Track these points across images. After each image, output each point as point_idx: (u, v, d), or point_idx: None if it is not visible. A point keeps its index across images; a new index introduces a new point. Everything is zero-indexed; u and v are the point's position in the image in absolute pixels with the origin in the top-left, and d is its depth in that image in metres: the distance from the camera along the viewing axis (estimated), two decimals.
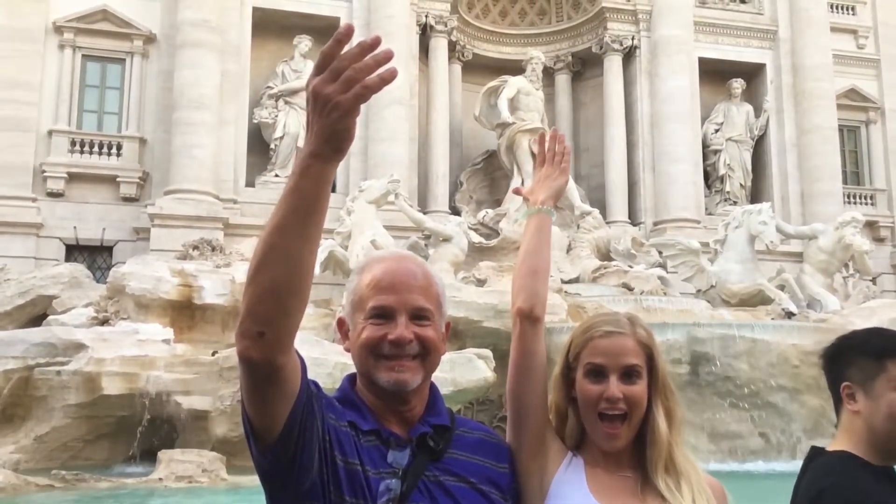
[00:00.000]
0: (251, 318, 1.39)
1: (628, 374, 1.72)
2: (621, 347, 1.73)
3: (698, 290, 16.35)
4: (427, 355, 1.61)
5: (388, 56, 1.30)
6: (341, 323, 1.70)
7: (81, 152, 17.88)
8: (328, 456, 1.50)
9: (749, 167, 21.36)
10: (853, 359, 1.95)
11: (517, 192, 2.14)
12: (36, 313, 13.78)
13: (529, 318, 1.81)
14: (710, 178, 21.39)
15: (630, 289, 15.95)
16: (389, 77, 1.30)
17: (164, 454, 10.05)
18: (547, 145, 2.06)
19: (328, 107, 1.31)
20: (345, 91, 1.30)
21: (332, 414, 1.56)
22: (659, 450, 1.72)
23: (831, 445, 1.98)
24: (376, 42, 1.31)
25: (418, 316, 1.61)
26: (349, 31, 1.33)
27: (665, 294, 15.82)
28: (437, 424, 1.64)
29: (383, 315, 1.60)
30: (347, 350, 1.66)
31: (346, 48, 1.32)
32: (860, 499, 1.78)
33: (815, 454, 1.99)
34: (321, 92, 1.31)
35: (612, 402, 1.70)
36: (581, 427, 1.78)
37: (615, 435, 1.71)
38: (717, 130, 21.32)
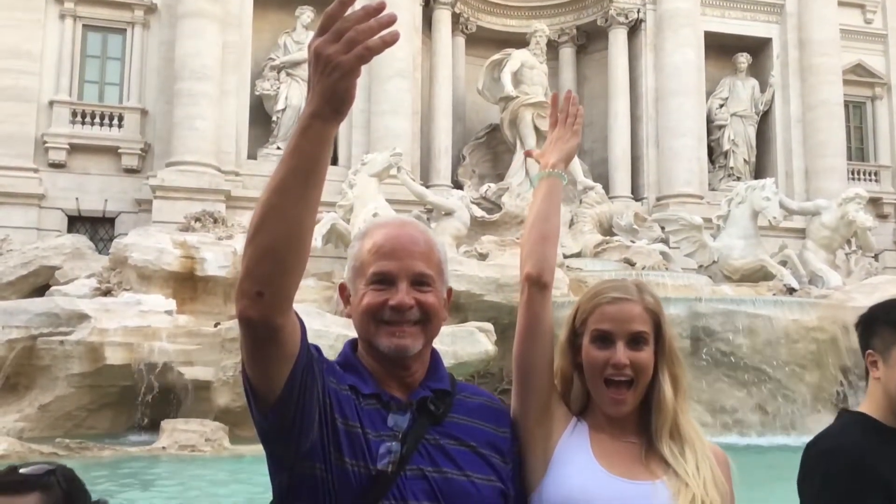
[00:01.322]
0: (250, 278, 1.39)
1: (635, 341, 1.72)
2: (628, 314, 1.72)
3: (700, 266, 16.36)
4: (428, 321, 1.61)
5: (391, 19, 1.30)
6: (343, 289, 1.70)
7: (83, 123, 17.82)
8: (328, 418, 1.51)
9: (753, 143, 21.25)
10: (877, 328, 2.01)
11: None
12: (39, 284, 13.83)
13: (538, 283, 1.79)
14: (714, 153, 21.30)
15: (632, 264, 15.95)
16: (391, 39, 1.31)
17: (166, 423, 10.14)
18: (560, 106, 2.02)
19: (329, 67, 1.31)
20: (346, 52, 1.30)
21: (333, 377, 1.57)
22: (664, 416, 1.72)
23: (858, 409, 2.07)
24: (381, 6, 1.31)
25: (419, 282, 1.61)
26: None
27: (667, 269, 15.82)
28: (438, 389, 1.64)
29: (384, 281, 1.60)
30: (348, 316, 1.67)
31: (349, 10, 1.32)
32: (859, 456, 1.84)
33: (840, 415, 2.08)
34: (323, 52, 1.31)
35: (619, 368, 1.70)
36: (586, 393, 1.78)
37: (621, 401, 1.71)
38: (721, 105, 21.18)
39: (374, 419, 1.56)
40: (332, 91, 1.34)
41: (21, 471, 1.84)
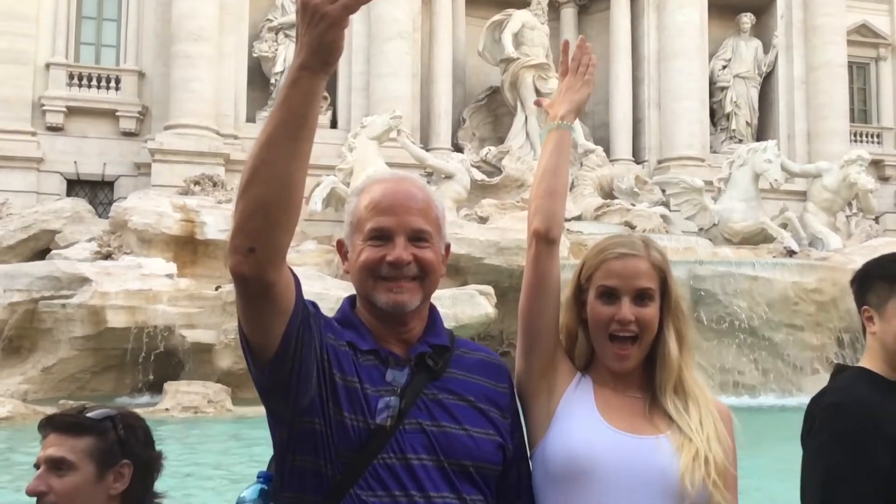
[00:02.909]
0: (242, 233, 1.39)
1: (641, 297, 1.71)
2: (635, 270, 1.71)
3: (701, 229, 16.35)
4: (426, 277, 1.60)
5: None
6: (340, 245, 1.69)
7: (80, 86, 17.67)
8: (327, 374, 1.51)
9: (756, 105, 21.08)
10: (872, 284, 2.02)
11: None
12: (39, 247, 13.83)
13: (546, 239, 1.78)
14: (716, 115, 21.15)
15: (632, 227, 15.95)
16: None
17: (169, 386, 10.22)
18: (572, 54, 1.93)
19: (316, 17, 1.31)
20: (333, 1, 1.30)
21: (331, 334, 1.57)
22: (669, 372, 1.71)
23: (858, 364, 2.09)
24: None
25: (417, 238, 1.60)
26: None
27: (667, 232, 15.82)
28: (437, 344, 1.64)
29: (382, 237, 1.59)
30: (347, 272, 1.66)
31: None
32: (867, 410, 1.86)
33: (837, 371, 2.09)
34: (309, 2, 1.31)
35: (624, 324, 1.69)
36: (591, 348, 1.77)
37: (625, 356, 1.70)
38: (724, 67, 20.97)
39: (373, 375, 1.56)
40: (319, 42, 1.32)
41: (86, 414, 1.83)
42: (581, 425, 1.67)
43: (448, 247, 1.71)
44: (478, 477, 1.57)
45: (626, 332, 1.69)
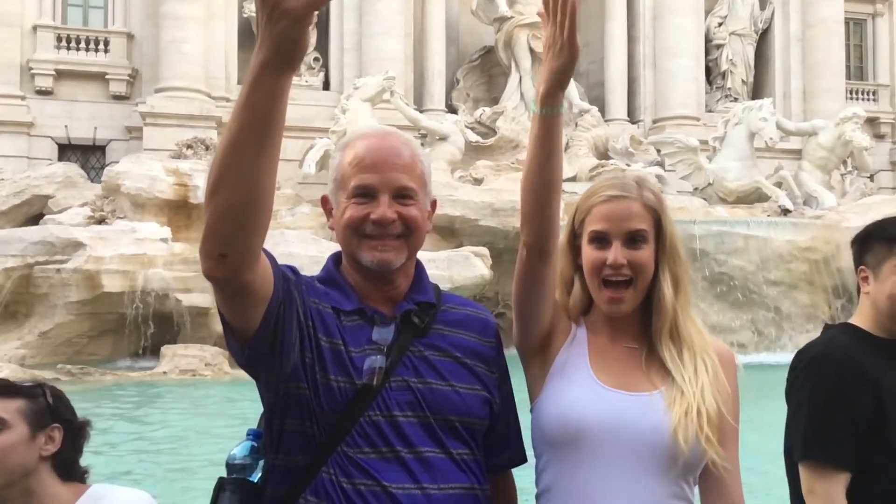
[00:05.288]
0: (212, 239, 1.34)
1: (633, 240, 1.63)
2: (626, 212, 1.64)
3: (695, 188, 16.34)
4: (410, 235, 1.58)
5: None
6: (325, 201, 1.66)
7: (68, 48, 17.44)
8: (313, 339, 1.51)
9: (752, 62, 20.92)
10: (871, 244, 2.04)
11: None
12: (32, 213, 13.77)
13: (539, 253, 1.64)
14: (712, 73, 20.99)
15: None
16: None
17: (167, 349, 10.28)
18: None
19: (276, 13, 1.17)
20: None
21: (315, 297, 1.56)
22: (664, 317, 1.65)
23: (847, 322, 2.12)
24: None
25: (402, 195, 1.57)
26: None
27: (662, 192, 15.80)
28: (422, 301, 1.63)
29: (366, 194, 1.56)
30: (332, 228, 1.65)
31: None
32: (848, 358, 1.90)
33: (826, 328, 2.12)
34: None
35: (616, 268, 1.62)
36: (588, 295, 1.70)
37: (618, 300, 1.63)
38: (720, 24, 20.76)
39: (358, 335, 1.56)
40: (282, 40, 1.20)
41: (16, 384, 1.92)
42: (573, 386, 1.63)
43: (434, 202, 1.68)
44: (464, 432, 1.58)
45: (619, 277, 1.62)
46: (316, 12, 1.20)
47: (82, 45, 17.53)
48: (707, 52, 20.68)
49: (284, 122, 1.31)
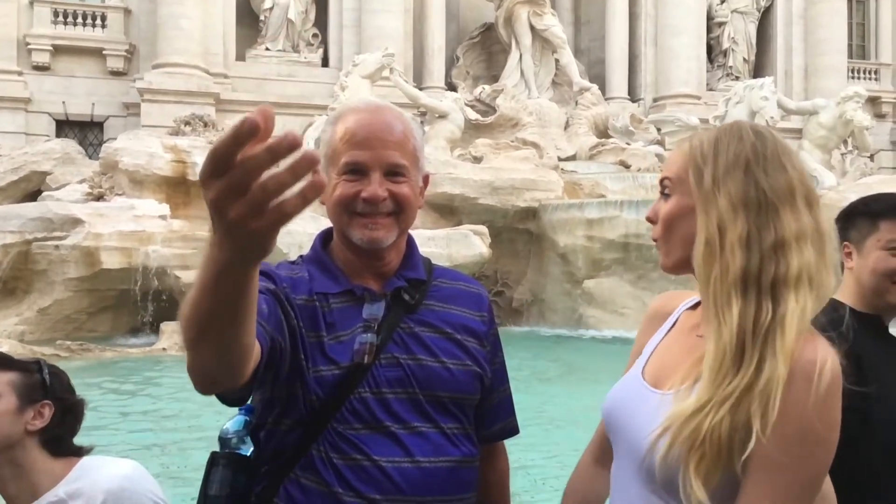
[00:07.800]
0: (196, 376, 1.25)
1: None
2: None
3: None
4: (401, 212, 1.57)
5: (310, 162, 0.89)
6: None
7: (65, 24, 17.31)
8: (303, 338, 1.50)
9: (753, 41, 20.79)
10: (855, 220, 2.06)
11: None
12: (30, 189, 13.75)
13: None
14: (713, 51, 20.86)
15: (627, 166, 15.88)
16: (315, 192, 0.91)
17: (166, 325, 10.29)
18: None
19: (236, 230, 0.96)
20: (257, 217, 0.94)
21: (303, 294, 1.54)
22: None
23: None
24: (293, 143, 0.88)
25: (393, 172, 1.55)
26: (253, 128, 0.89)
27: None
28: (413, 278, 1.63)
29: (356, 171, 1.54)
30: (323, 203, 1.64)
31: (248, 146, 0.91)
32: (831, 330, 1.86)
33: None
34: (226, 214, 0.94)
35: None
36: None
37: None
38: (722, 1, 20.61)
39: (349, 315, 1.55)
40: (247, 248, 1.00)
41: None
42: (628, 373, 1.46)
43: (426, 177, 1.67)
44: (453, 407, 1.58)
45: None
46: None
47: (79, 20, 17.41)
48: (709, 30, 20.55)
49: (257, 289, 1.14)
